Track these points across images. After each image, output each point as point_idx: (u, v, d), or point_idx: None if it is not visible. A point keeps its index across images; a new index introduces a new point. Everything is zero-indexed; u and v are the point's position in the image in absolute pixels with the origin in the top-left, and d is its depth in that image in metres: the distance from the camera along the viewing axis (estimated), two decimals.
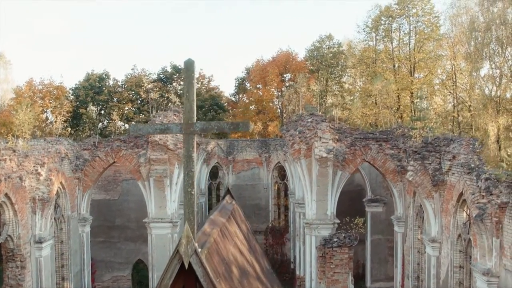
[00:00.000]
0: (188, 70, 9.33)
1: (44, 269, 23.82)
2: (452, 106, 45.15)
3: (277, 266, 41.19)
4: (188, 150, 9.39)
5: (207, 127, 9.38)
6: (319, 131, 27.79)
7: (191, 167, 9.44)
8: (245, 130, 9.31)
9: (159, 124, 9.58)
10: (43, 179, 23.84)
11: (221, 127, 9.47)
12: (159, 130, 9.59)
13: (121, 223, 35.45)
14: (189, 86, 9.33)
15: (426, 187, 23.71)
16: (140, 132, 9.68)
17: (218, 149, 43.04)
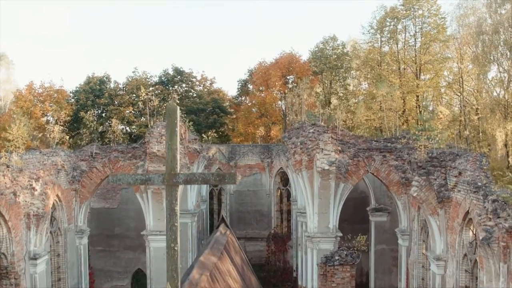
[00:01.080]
0: (170, 115, 8.65)
1: (39, 285, 23.23)
2: (458, 109, 44.40)
3: (279, 274, 40.65)
4: (171, 202, 8.70)
5: (191, 178, 8.67)
6: (321, 142, 27.09)
7: (174, 221, 8.76)
8: (232, 183, 8.62)
9: (139, 175, 8.89)
10: (38, 194, 23.24)
11: (206, 179, 8.76)
12: (139, 180, 8.88)
13: (120, 231, 34.90)
14: (171, 133, 8.65)
15: (431, 203, 22.99)
16: (120, 182, 8.98)
17: (220, 155, 42.38)
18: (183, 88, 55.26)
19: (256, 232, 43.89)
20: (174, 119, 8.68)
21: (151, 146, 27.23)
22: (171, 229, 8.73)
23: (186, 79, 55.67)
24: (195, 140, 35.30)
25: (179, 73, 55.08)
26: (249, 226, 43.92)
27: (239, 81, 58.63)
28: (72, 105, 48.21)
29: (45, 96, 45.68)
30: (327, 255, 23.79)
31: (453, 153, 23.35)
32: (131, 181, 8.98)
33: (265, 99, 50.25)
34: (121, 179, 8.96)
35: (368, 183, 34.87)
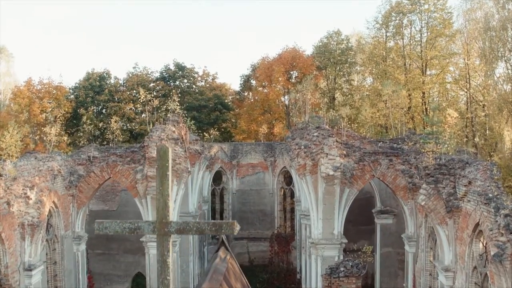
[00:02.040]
0: (161, 158, 7.84)
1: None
2: (465, 105, 43.46)
3: (283, 275, 39.95)
4: (162, 254, 7.95)
5: (184, 227, 7.89)
6: (326, 147, 26.25)
7: (166, 274, 8.00)
8: (230, 233, 7.82)
9: (127, 222, 8.06)
10: (32, 203, 22.46)
11: (201, 229, 7.96)
12: (128, 229, 8.08)
13: (119, 234, 33.90)
14: (162, 177, 7.86)
15: (440, 212, 22.13)
16: (107, 231, 8.17)
17: (222, 153, 41.56)
18: (184, 84, 54.28)
19: (259, 232, 43.13)
20: (165, 162, 7.87)
21: (150, 151, 26.40)
22: (163, 283, 7.93)
23: (188, 75, 54.74)
24: (196, 141, 34.54)
25: (181, 69, 54.11)
26: (252, 226, 43.15)
27: (241, 76, 57.81)
28: (72, 102, 47.39)
29: (43, 92, 44.89)
30: (332, 266, 22.99)
31: (463, 160, 22.44)
32: (118, 229, 8.17)
33: (268, 95, 49.35)
34: (108, 227, 8.18)
35: (374, 185, 34.03)
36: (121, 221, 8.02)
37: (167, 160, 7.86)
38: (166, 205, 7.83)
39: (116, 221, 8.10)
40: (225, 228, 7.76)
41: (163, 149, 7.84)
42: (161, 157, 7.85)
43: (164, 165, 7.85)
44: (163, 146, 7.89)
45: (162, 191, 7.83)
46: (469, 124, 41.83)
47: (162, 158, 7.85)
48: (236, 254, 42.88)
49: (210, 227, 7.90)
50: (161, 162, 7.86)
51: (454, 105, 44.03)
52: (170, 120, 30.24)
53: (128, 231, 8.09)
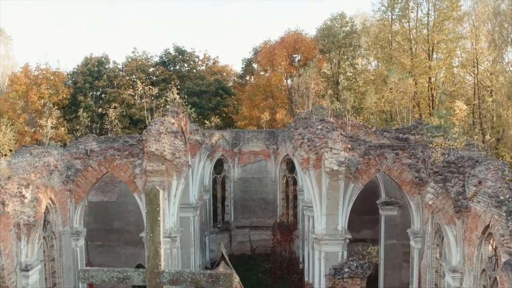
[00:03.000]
0: (152, 202, 7.08)
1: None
2: (472, 91, 42.51)
3: (285, 265, 39.44)
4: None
5: (177, 278, 7.16)
6: (330, 141, 25.45)
7: None
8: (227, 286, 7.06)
9: (116, 271, 7.35)
10: (28, 201, 21.78)
11: (197, 280, 7.21)
12: (116, 278, 7.36)
13: (119, 226, 33.57)
14: (153, 222, 7.13)
15: (448, 212, 21.41)
16: (93, 280, 7.46)
17: (223, 141, 40.76)
18: (184, 68, 53.21)
19: (261, 220, 42.53)
20: (155, 206, 7.13)
21: (149, 145, 25.63)
22: None
23: (188, 59, 53.68)
24: (196, 131, 33.83)
25: (181, 53, 53.07)
26: (254, 215, 42.56)
27: (243, 60, 56.73)
28: (70, 88, 46.49)
29: (41, 79, 43.98)
30: (336, 266, 22.47)
31: (473, 158, 21.63)
32: (105, 278, 7.44)
33: (270, 80, 48.36)
34: (94, 276, 7.45)
35: (378, 175, 33.23)
36: (109, 269, 7.31)
37: (157, 204, 7.12)
38: (157, 253, 7.11)
39: (103, 269, 7.39)
40: (222, 280, 7.04)
41: (153, 192, 7.10)
42: (151, 201, 7.11)
43: (154, 209, 7.11)
44: (153, 188, 7.14)
45: (153, 238, 7.10)
46: (476, 110, 40.99)
47: (153, 201, 7.11)
48: (238, 242, 42.55)
49: (206, 278, 7.16)
50: (151, 206, 7.12)
51: (460, 90, 43.12)
52: (170, 111, 29.44)
53: (116, 280, 7.35)
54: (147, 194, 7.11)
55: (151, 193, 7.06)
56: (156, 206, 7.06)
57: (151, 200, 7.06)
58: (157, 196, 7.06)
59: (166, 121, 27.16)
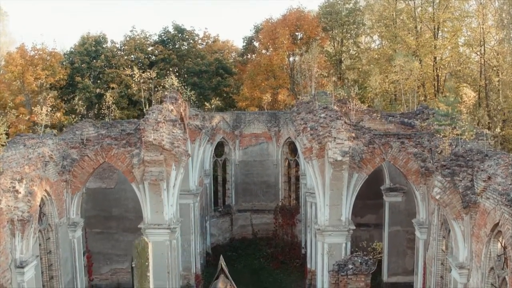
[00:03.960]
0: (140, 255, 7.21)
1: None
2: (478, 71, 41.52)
3: (287, 250, 38.97)
4: None
5: None
6: (334, 130, 24.64)
7: None
8: None
9: None
10: (22, 196, 21.08)
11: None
12: None
13: (118, 213, 32.89)
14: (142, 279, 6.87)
15: (455, 207, 20.67)
16: None
17: (224, 123, 39.90)
18: (184, 47, 51.93)
19: (262, 204, 41.93)
20: (144, 260, 6.59)
21: (147, 135, 24.86)
22: None
23: (188, 38, 52.41)
24: (196, 116, 33.06)
25: (180, 31, 51.77)
26: (256, 198, 41.92)
27: (244, 38, 55.40)
28: (67, 69, 45.45)
29: (37, 59, 42.93)
30: (340, 262, 21.86)
31: (482, 152, 20.82)
32: None
33: (272, 59, 47.22)
34: None
35: None
36: None
37: (146, 258, 6.40)
38: None
39: None
40: None
41: (141, 245, 6.47)
42: (139, 254, 6.54)
43: (142, 264, 6.53)
44: (141, 241, 6.45)
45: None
46: (483, 90, 40.11)
47: (141, 255, 6.52)
48: (239, 226, 42.07)
49: None
50: (140, 260, 6.52)
51: (466, 69, 42.11)
52: (168, 98, 28.60)
53: None
54: (135, 247, 6.36)
55: (139, 246, 6.40)
56: (145, 260, 6.39)
57: (139, 253, 6.41)
58: (145, 250, 6.34)
59: (165, 109, 26.34)
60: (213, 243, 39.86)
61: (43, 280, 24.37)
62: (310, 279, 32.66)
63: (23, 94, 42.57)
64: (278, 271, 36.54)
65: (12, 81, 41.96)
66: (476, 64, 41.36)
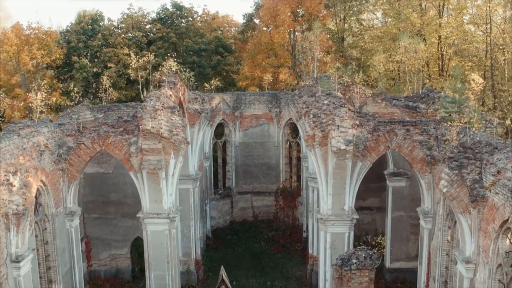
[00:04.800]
0: None
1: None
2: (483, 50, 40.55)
3: (289, 233, 38.54)
4: None
5: None
6: (337, 118, 23.91)
7: None
8: None
9: None
10: (16, 189, 20.46)
11: None
12: None
13: (117, 198, 32.28)
14: None
15: (463, 200, 20.05)
16: None
17: (224, 105, 39.10)
18: (182, 25, 50.68)
19: (263, 186, 41.39)
20: None
21: (145, 123, 24.14)
22: None
23: (187, 15, 51.16)
24: (195, 100, 32.26)
25: (179, 9, 50.54)
26: (256, 180, 41.35)
27: (244, 16, 54.11)
28: (63, 48, 44.43)
29: (33, 38, 41.89)
30: (343, 256, 21.35)
31: (491, 144, 20.11)
32: None
33: (273, 37, 46.09)
34: None
35: None
36: None
37: None
38: None
39: None
40: None
41: None
42: None
43: None
44: None
45: None
46: (489, 69, 39.23)
47: None
48: (240, 209, 41.66)
49: None
50: None
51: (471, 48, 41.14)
52: (166, 82, 27.80)
53: None
54: None
55: None
56: None
57: None
58: None
59: (163, 95, 25.55)
60: (213, 226, 39.42)
61: (40, 272, 23.91)
62: (311, 264, 32.25)
63: (18, 74, 41.69)
64: (279, 255, 36.15)
65: (7, 61, 41.09)
66: (482, 43, 40.33)
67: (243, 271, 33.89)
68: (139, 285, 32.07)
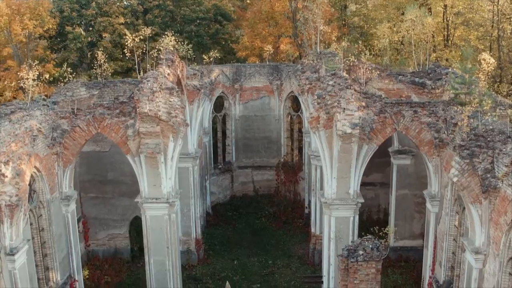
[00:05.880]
0: None
1: (20, 281, 20.30)
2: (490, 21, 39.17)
3: (290, 208, 37.90)
4: None
5: None
6: (343, 100, 22.90)
7: None
8: None
9: None
10: (9, 180, 19.61)
11: None
12: None
13: (114, 177, 31.46)
14: None
15: (474, 190, 19.28)
16: None
17: (223, 77, 37.96)
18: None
19: (264, 160, 40.59)
20: None
21: (142, 106, 23.11)
22: None
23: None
24: (194, 76, 31.18)
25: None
26: (257, 154, 40.53)
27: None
28: (56, 18, 42.88)
29: (24, 8, 40.31)
30: (350, 247, 20.54)
31: (504, 133, 19.21)
32: None
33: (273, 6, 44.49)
34: None
35: None
36: None
37: None
38: None
39: None
40: None
41: None
42: None
43: None
44: None
45: None
46: (494, 40, 38.02)
47: None
48: (240, 183, 41.00)
49: None
50: None
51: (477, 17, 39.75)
52: (164, 60, 26.65)
53: None
54: None
55: None
56: None
57: None
58: None
59: (160, 75, 24.43)
60: (213, 202, 38.74)
61: (36, 260, 23.33)
62: (314, 243, 31.75)
63: (11, 45, 40.34)
64: (281, 232, 35.57)
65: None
66: (488, 12, 38.93)
67: (244, 250, 33.39)
68: (138, 265, 31.61)
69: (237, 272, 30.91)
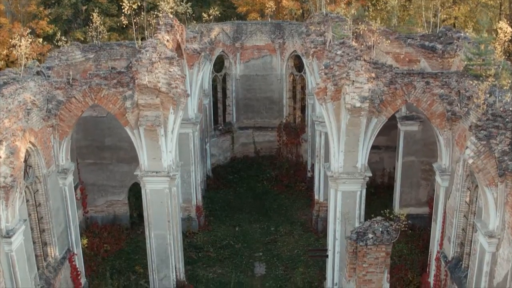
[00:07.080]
0: None
1: (18, 262, 19.65)
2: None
3: (292, 171, 37.11)
4: None
5: None
6: (352, 72, 21.73)
7: None
8: None
9: None
10: (3, 160, 18.67)
11: None
12: None
13: (112, 143, 30.51)
14: None
15: (489, 173, 18.43)
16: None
17: (223, 36, 36.47)
18: None
19: (265, 121, 39.59)
20: None
21: (140, 77, 21.96)
22: None
23: None
24: (194, 38, 29.83)
25: None
26: (258, 115, 39.48)
27: None
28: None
29: None
30: (359, 229, 19.86)
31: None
32: None
33: None
34: None
35: None
36: None
37: None
38: None
39: None
40: None
41: None
42: None
43: None
44: None
45: None
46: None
47: None
48: (241, 144, 40.12)
49: None
50: None
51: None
52: (163, 26, 25.27)
53: None
54: None
55: None
56: None
57: None
58: None
59: (159, 43, 23.12)
60: (213, 164, 37.93)
61: (34, 237, 22.56)
62: (317, 210, 31.17)
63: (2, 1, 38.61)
64: (283, 196, 34.91)
65: None
66: None
67: (246, 215, 32.82)
68: (138, 232, 31.11)
69: (239, 240, 30.40)
